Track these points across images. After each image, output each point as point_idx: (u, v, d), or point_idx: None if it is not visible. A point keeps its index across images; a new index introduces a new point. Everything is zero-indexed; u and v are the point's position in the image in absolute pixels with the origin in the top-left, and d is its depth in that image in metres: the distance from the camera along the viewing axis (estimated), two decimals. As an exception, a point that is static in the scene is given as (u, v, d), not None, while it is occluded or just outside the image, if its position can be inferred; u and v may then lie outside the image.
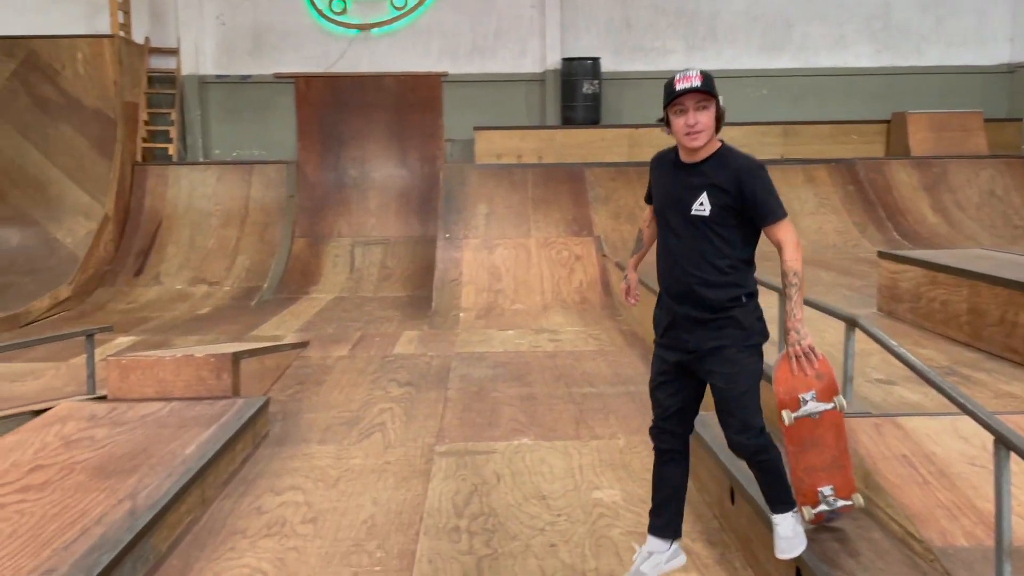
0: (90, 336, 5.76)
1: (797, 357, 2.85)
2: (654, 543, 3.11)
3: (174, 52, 12.75)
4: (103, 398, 5.33)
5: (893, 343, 3.44)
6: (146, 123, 12.34)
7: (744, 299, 2.84)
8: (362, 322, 9.17)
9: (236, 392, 5.50)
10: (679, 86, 2.73)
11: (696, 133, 2.75)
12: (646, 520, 3.90)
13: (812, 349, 2.84)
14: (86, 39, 11.41)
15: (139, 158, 12.03)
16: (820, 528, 3.14)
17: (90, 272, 10.63)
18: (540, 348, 7.59)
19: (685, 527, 3.85)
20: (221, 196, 12.01)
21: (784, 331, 2.94)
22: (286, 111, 12.90)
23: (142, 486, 3.84)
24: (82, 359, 7.20)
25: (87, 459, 4.17)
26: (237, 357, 5.57)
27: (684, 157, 2.85)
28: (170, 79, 12.72)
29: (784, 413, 2.91)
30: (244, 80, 12.95)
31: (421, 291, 10.65)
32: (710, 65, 13.03)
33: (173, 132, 12.58)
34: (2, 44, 11.33)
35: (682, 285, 2.86)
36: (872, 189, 11.68)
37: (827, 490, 3.00)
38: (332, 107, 12.91)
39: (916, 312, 6.39)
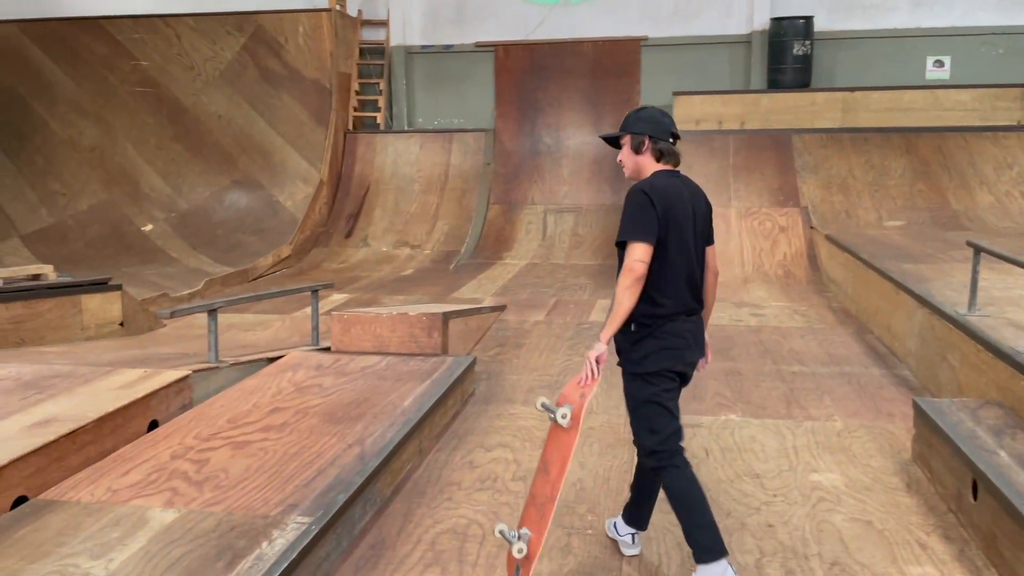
0: (315, 292, 6.17)
1: (587, 369, 2.88)
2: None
3: (383, 24, 13.31)
4: (327, 349, 5.71)
5: None
6: (357, 93, 13.01)
7: (632, 327, 2.97)
8: (555, 289, 9.26)
9: (445, 350, 5.72)
10: None
11: (623, 169, 3.15)
12: (871, 508, 3.71)
13: (595, 365, 2.86)
14: (306, 13, 12.15)
15: (350, 126, 12.72)
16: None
17: (307, 233, 11.42)
18: (742, 322, 7.31)
19: (916, 519, 3.60)
20: (423, 163, 12.49)
21: None
22: (485, 80, 13.16)
23: (368, 433, 4.07)
24: (303, 312, 7.78)
25: (318, 405, 4.48)
26: (447, 317, 5.77)
27: None
28: (379, 50, 13.31)
29: (541, 400, 2.92)
30: (447, 50, 13.31)
31: (612, 260, 10.57)
32: (938, 22, 11.91)
33: (381, 101, 13.18)
34: (233, 20, 12.31)
35: None
36: None
37: (525, 531, 2.88)
38: (529, 75, 13.03)
39: None
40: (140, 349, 6.09)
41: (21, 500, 3.36)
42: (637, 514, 3.28)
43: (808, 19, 11.73)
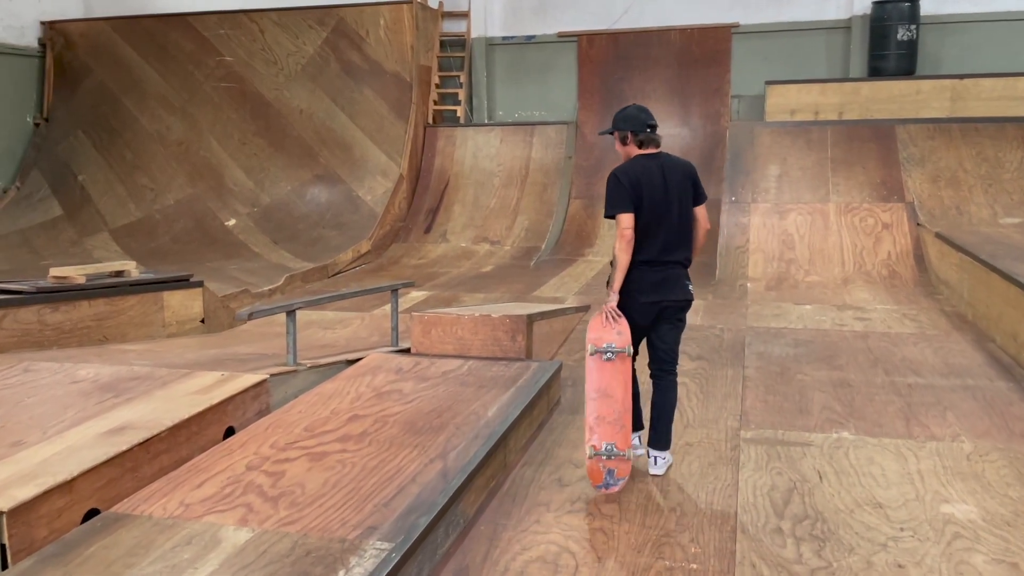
0: (395, 291, 5.97)
1: (606, 314, 3.79)
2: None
3: (464, 15, 13.09)
4: (406, 351, 5.49)
5: None
6: (437, 86, 12.83)
7: (611, 266, 3.94)
8: (641, 287, 8.86)
9: (529, 354, 5.43)
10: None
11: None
12: (1016, 548, 3.28)
13: (614, 311, 3.79)
14: (388, 6, 12.01)
15: (430, 120, 12.55)
16: None
17: (386, 228, 11.31)
18: (847, 327, 6.81)
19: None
20: (503, 157, 12.23)
21: None
22: (567, 71, 12.81)
23: (450, 446, 3.82)
24: (382, 310, 7.61)
25: (398, 413, 4.25)
26: (531, 320, 5.49)
27: None
28: (460, 42, 13.09)
29: (589, 346, 3.77)
30: (529, 40, 13.01)
31: (701, 257, 10.07)
32: (1064, 2, 11.02)
33: (461, 94, 12.97)
34: (315, 14, 12.28)
35: None
36: None
37: (609, 444, 3.70)
38: (613, 65, 12.61)
39: None
40: (220, 348, 6.00)
41: (92, 513, 3.23)
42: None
43: (914, 2, 10.98)
